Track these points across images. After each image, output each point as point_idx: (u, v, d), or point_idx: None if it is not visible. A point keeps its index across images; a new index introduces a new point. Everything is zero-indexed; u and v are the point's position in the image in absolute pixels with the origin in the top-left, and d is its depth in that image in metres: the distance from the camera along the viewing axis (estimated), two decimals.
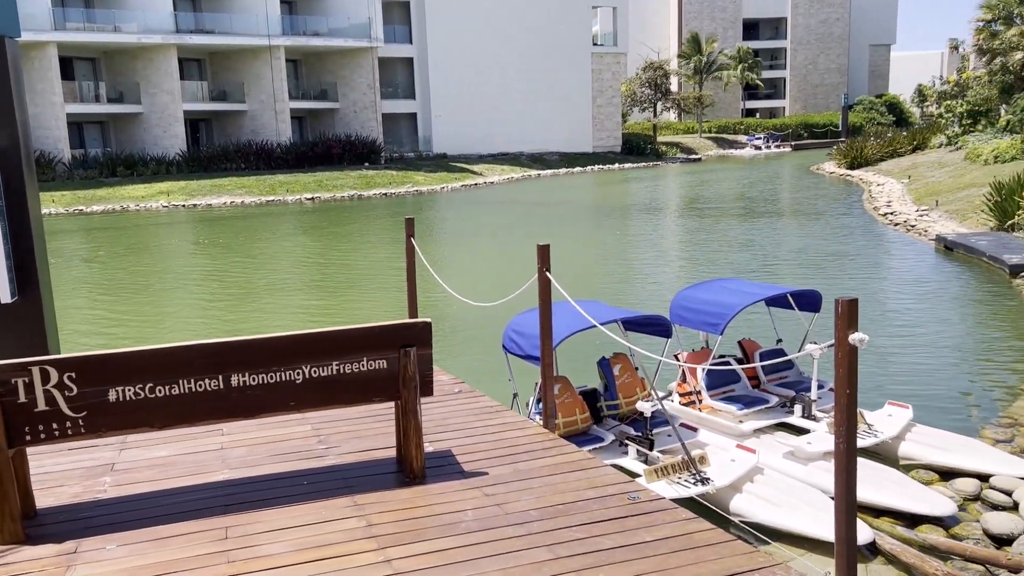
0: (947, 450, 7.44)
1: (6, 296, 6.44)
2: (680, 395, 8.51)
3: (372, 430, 5.94)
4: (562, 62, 61.41)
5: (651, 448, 7.21)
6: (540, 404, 6.58)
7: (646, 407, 7.14)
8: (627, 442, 7.39)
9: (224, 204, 38.27)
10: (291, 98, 48.45)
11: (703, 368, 7.86)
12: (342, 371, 4.91)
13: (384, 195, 41.59)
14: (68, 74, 43.03)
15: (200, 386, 4.64)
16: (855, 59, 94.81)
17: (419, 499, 4.77)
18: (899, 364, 10.66)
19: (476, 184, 46.95)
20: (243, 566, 4.05)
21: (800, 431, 7.99)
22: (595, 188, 44.35)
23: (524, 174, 52.05)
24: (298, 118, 51.38)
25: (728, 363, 8.79)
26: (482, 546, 4.18)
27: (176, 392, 4.61)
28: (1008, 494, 6.74)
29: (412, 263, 9.02)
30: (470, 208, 35.47)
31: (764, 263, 18.73)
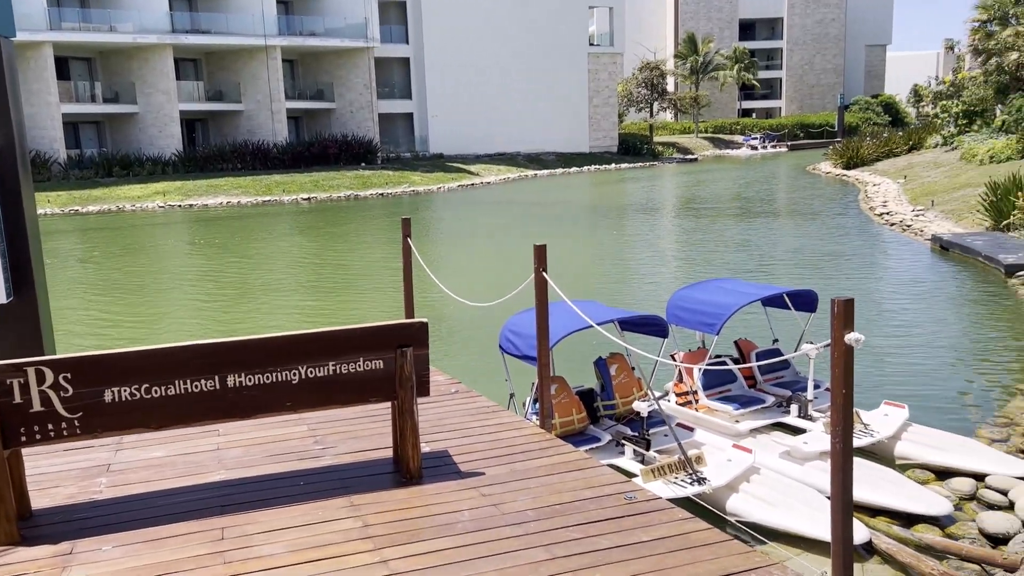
0: (943, 450, 7.45)
1: (1, 297, 6.42)
2: (676, 395, 8.51)
3: (368, 430, 5.93)
4: (558, 62, 61.41)
5: (648, 448, 7.21)
6: (537, 404, 6.57)
7: (643, 407, 7.14)
8: (624, 442, 7.39)
9: (220, 204, 38.22)
10: (287, 98, 48.40)
11: (699, 368, 7.87)
12: (338, 371, 4.90)
13: (380, 195, 41.57)
14: (64, 74, 42.97)
15: (196, 387, 4.63)
16: (851, 59, 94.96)
17: (415, 499, 4.77)
18: (895, 364, 10.68)
19: (473, 184, 46.93)
20: (239, 567, 4.04)
21: (796, 431, 8.00)
22: (591, 188, 44.36)
23: (520, 174, 52.05)
24: (294, 118, 51.33)
25: (724, 363, 8.80)
26: (479, 546, 4.18)
27: (172, 393, 4.60)
28: (1004, 493, 6.76)
29: (409, 263, 9.02)
30: (467, 208, 35.46)
31: (760, 263, 18.75)
